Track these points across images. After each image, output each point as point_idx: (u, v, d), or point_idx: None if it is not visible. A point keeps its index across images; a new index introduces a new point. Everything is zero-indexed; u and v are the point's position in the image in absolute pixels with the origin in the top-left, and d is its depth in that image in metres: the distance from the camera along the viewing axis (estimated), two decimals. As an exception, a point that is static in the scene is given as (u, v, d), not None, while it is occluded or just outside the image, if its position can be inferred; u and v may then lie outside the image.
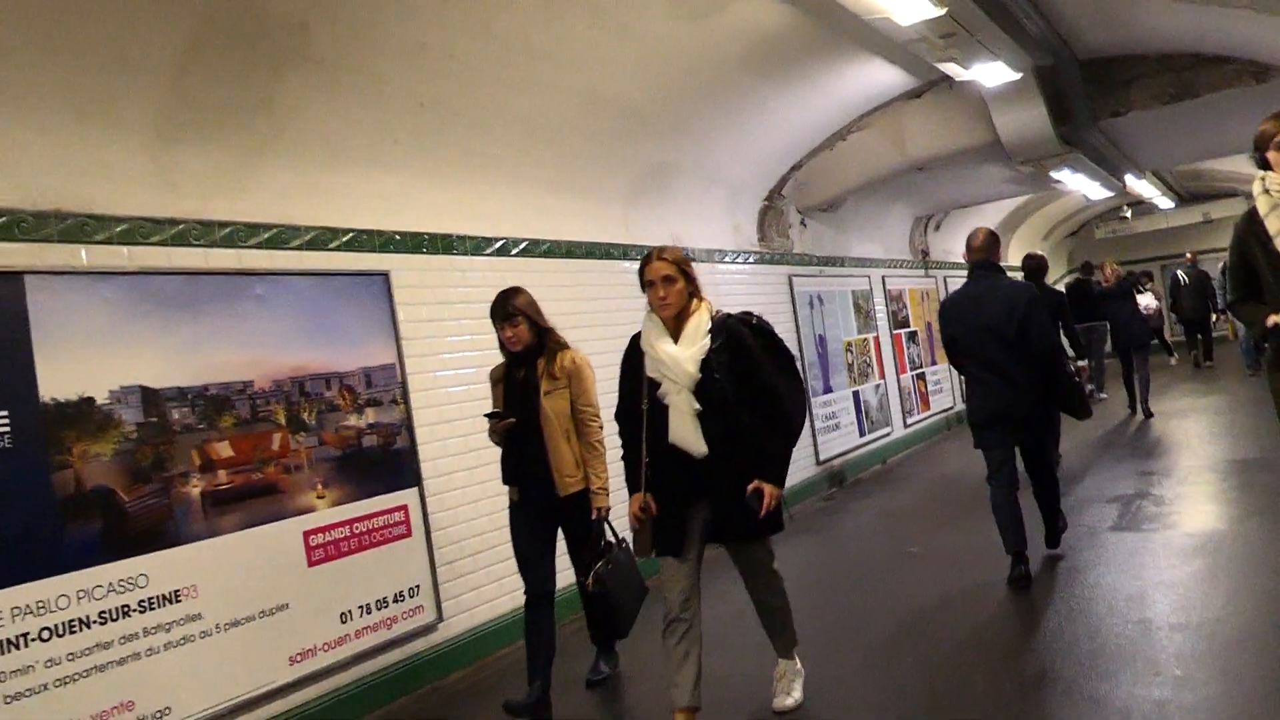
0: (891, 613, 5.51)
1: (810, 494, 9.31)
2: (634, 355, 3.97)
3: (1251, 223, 3.86)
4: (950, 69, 7.08)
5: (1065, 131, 8.60)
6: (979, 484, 6.32)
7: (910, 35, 6.19)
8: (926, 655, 4.74)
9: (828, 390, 10.01)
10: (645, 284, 3.87)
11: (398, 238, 5.43)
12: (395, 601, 5.04)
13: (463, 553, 5.51)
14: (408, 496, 5.21)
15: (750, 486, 3.75)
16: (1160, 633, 4.52)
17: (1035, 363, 5.51)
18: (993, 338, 5.52)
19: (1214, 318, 17.56)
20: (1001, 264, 5.89)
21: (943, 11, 5.68)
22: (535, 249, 6.43)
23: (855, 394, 10.64)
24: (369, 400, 5.09)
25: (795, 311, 9.61)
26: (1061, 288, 13.11)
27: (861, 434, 10.65)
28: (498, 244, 6.17)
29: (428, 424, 5.41)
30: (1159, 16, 7.04)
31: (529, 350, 4.58)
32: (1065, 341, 8.37)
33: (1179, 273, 18.07)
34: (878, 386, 11.29)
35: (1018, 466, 5.73)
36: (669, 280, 3.81)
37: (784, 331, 9.52)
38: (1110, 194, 13.06)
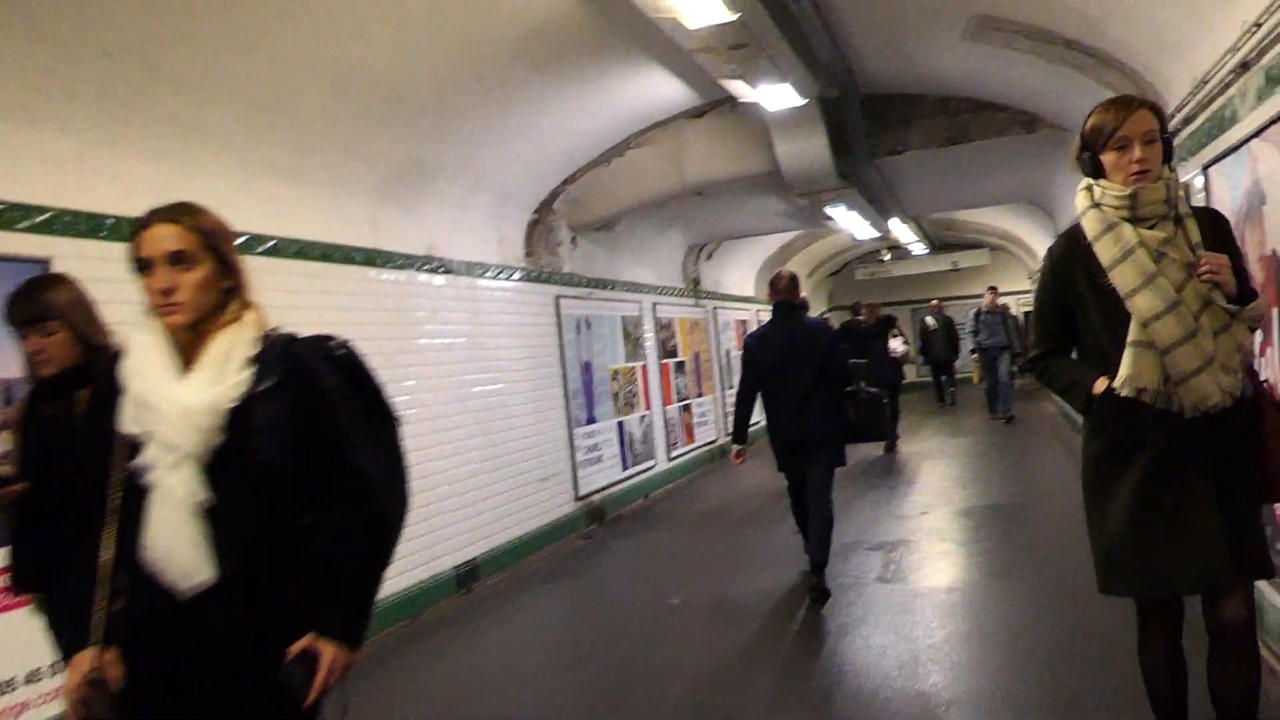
0: (652, 676, 4.91)
1: (568, 532, 8.64)
2: (107, 395, 2.11)
3: (1072, 248, 2.85)
4: (736, 87, 6.66)
5: (844, 166, 8.42)
6: (740, 521, 6.94)
7: (698, 43, 5.67)
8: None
9: (591, 421, 9.40)
10: (139, 265, 2.07)
11: (67, 218, 4.32)
12: None
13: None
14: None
15: (296, 647, 2.04)
16: (939, 710, 4.14)
17: (830, 394, 6.03)
18: (796, 371, 5.99)
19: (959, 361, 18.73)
20: (800, 303, 6.51)
21: (735, 17, 5.18)
22: (258, 245, 5.42)
23: (620, 425, 10.10)
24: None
25: (561, 335, 8.95)
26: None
27: (625, 467, 10.12)
28: (209, 235, 5.12)
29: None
30: (945, 55, 6.90)
31: (68, 376, 2.76)
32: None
33: (927, 318, 18.95)
34: (643, 417, 10.81)
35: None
36: (181, 260, 2.05)
37: (549, 356, 9.09)
38: (876, 235, 13.27)
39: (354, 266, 6.19)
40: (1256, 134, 3.87)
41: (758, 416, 6.33)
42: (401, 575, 6.29)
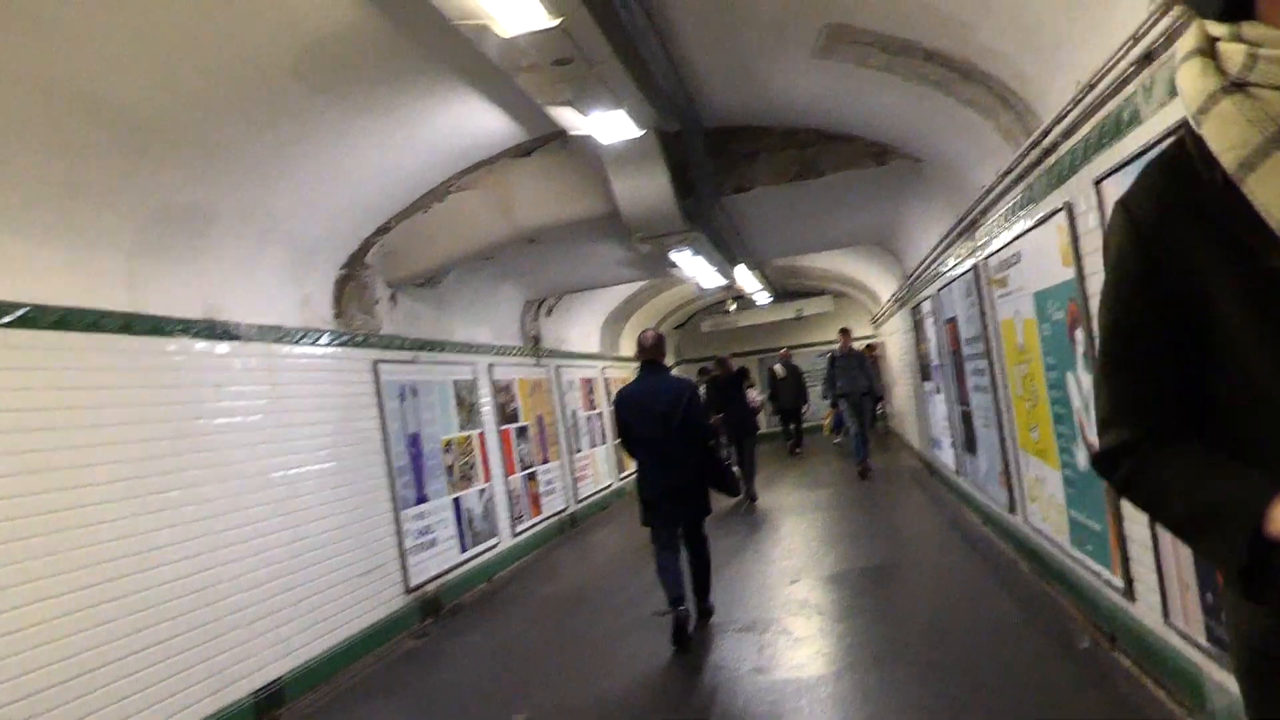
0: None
1: (398, 631, 7.50)
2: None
3: (1181, 192, 1.27)
4: (566, 116, 5.84)
5: (689, 206, 7.73)
6: (595, 603, 7.00)
7: (517, 58, 4.84)
8: None
9: (421, 500, 8.31)
10: None
11: None
12: None
13: None
14: None
15: None
16: None
17: (694, 447, 6.46)
18: (661, 426, 6.39)
19: (807, 408, 18.96)
20: (665, 361, 6.90)
21: (556, 23, 4.38)
22: (-35, 311, 4.24)
23: (456, 501, 9.04)
24: None
25: (382, 405, 7.86)
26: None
27: (463, 549, 9.03)
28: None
29: None
30: (794, 79, 6.31)
31: None
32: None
33: (775, 366, 18.82)
34: (483, 491, 9.77)
35: (678, 534, 6.54)
36: None
37: (367, 430, 7.95)
38: (722, 283, 12.71)
39: (104, 335, 5.02)
40: (1172, 132, 3.28)
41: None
42: (181, 711, 5.09)
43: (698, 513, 6.56)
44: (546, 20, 4.35)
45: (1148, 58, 3.45)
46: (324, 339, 7.17)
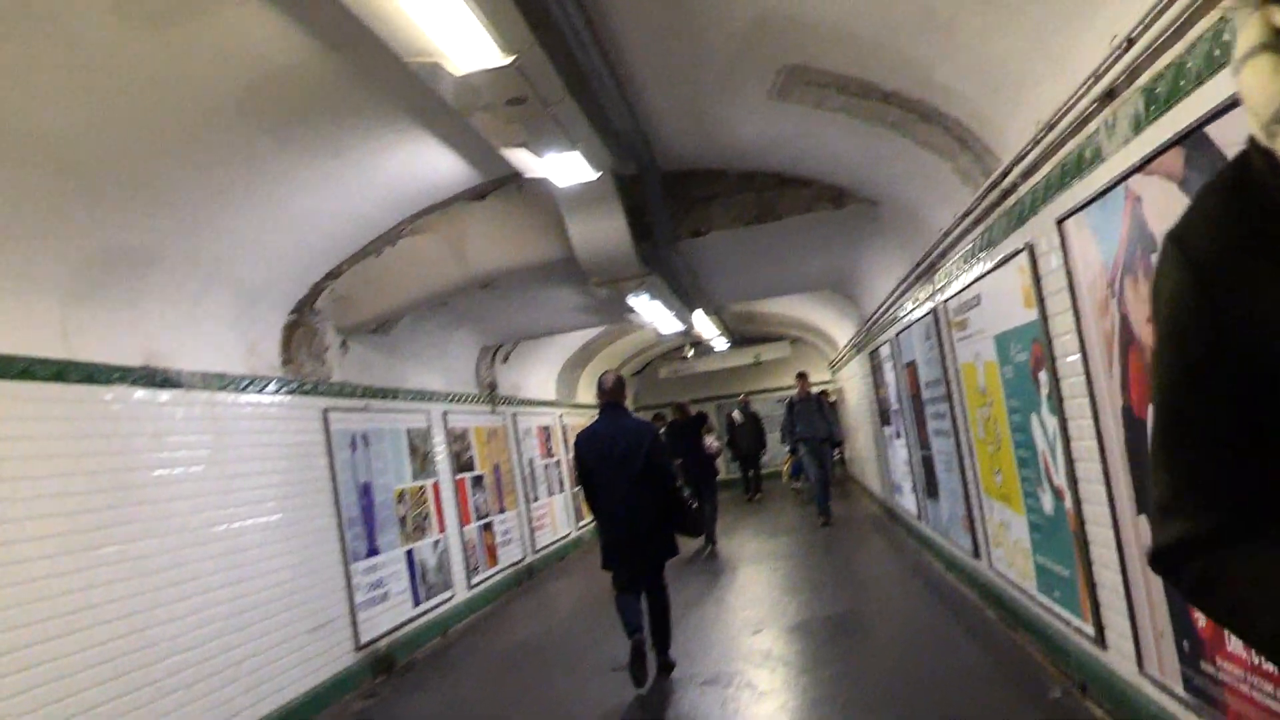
0: None
1: (347, 690, 7.20)
2: None
3: (1250, 213, 1.02)
4: (520, 158, 5.73)
5: (646, 250, 7.65)
6: (553, 657, 7.00)
7: (470, 97, 4.72)
8: None
9: (373, 552, 8.04)
10: None
11: None
12: None
13: None
14: None
15: None
16: None
17: (657, 489, 6.44)
18: (623, 467, 6.37)
19: (765, 454, 18.99)
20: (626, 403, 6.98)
21: (510, 60, 4.27)
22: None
23: (409, 554, 8.77)
24: None
25: (332, 455, 7.62)
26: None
27: (416, 602, 8.75)
28: None
29: None
30: (750, 121, 6.25)
31: None
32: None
33: (734, 413, 18.78)
34: (437, 542, 9.50)
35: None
36: None
37: (316, 480, 7.69)
38: (680, 328, 12.63)
39: (36, 384, 4.77)
40: (1138, 169, 3.23)
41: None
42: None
43: (660, 555, 6.51)
44: (500, 58, 4.25)
45: (1110, 95, 3.42)
46: (271, 387, 6.94)
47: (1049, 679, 5.21)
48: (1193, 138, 2.82)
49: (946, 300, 6.67)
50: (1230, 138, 2.64)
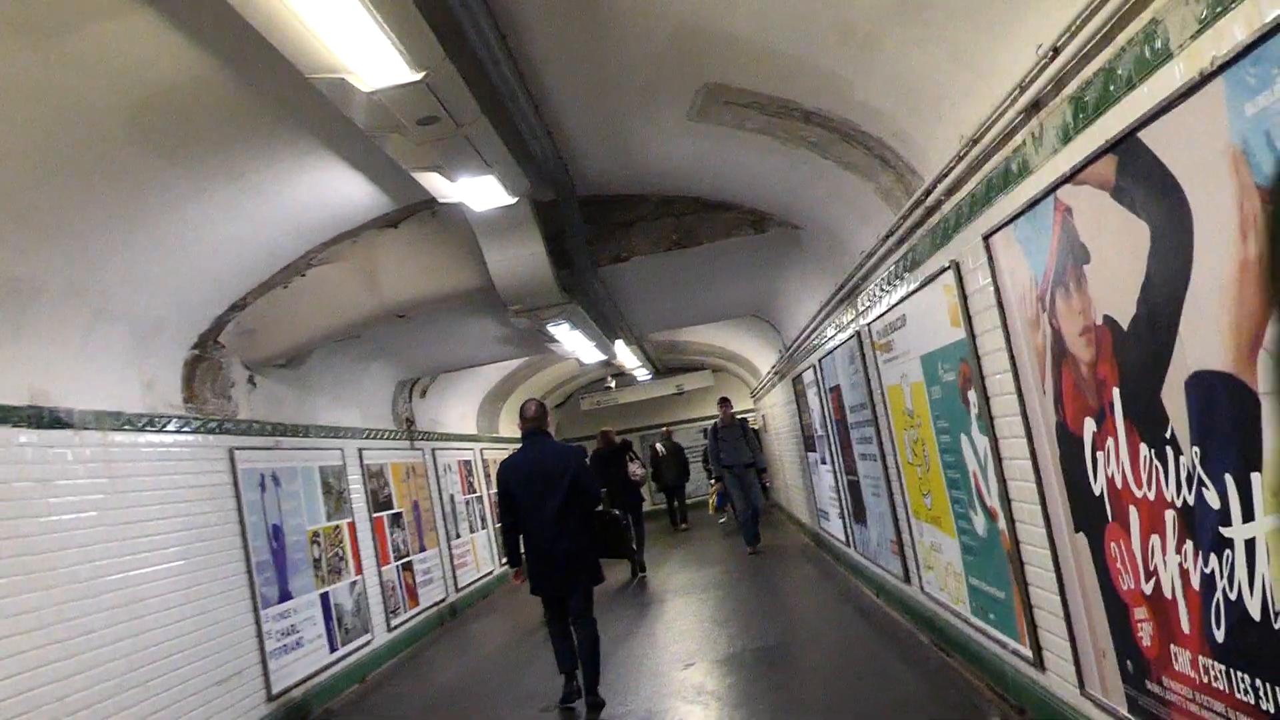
0: None
1: (258, 746, 6.80)
2: None
3: None
4: (433, 182, 5.53)
5: (566, 278, 7.47)
6: (482, 701, 6.91)
7: (380, 117, 4.51)
8: None
9: (285, 597, 7.65)
10: None
11: None
12: None
13: None
14: None
15: None
16: None
17: (584, 513, 6.46)
18: (549, 493, 6.35)
19: (689, 484, 19.09)
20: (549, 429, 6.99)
21: (419, 77, 4.09)
22: None
23: (324, 597, 8.39)
24: None
25: (239, 496, 7.24)
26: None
27: (333, 648, 8.36)
28: None
29: None
30: (670, 144, 6.14)
31: None
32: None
33: (657, 445, 18.73)
34: (354, 584, 9.12)
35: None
36: None
37: (223, 523, 7.27)
38: (601, 359, 12.46)
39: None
40: (1068, 179, 3.17)
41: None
42: None
43: (588, 580, 6.52)
44: (408, 74, 4.07)
45: (1036, 105, 3.36)
46: (172, 425, 6.57)
47: (986, 703, 5.12)
48: (1125, 144, 2.76)
49: (870, 323, 6.62)
50: (1165, 142, 2.58)
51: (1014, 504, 4.38)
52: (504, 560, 12.33)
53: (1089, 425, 3.38)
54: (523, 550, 6.56)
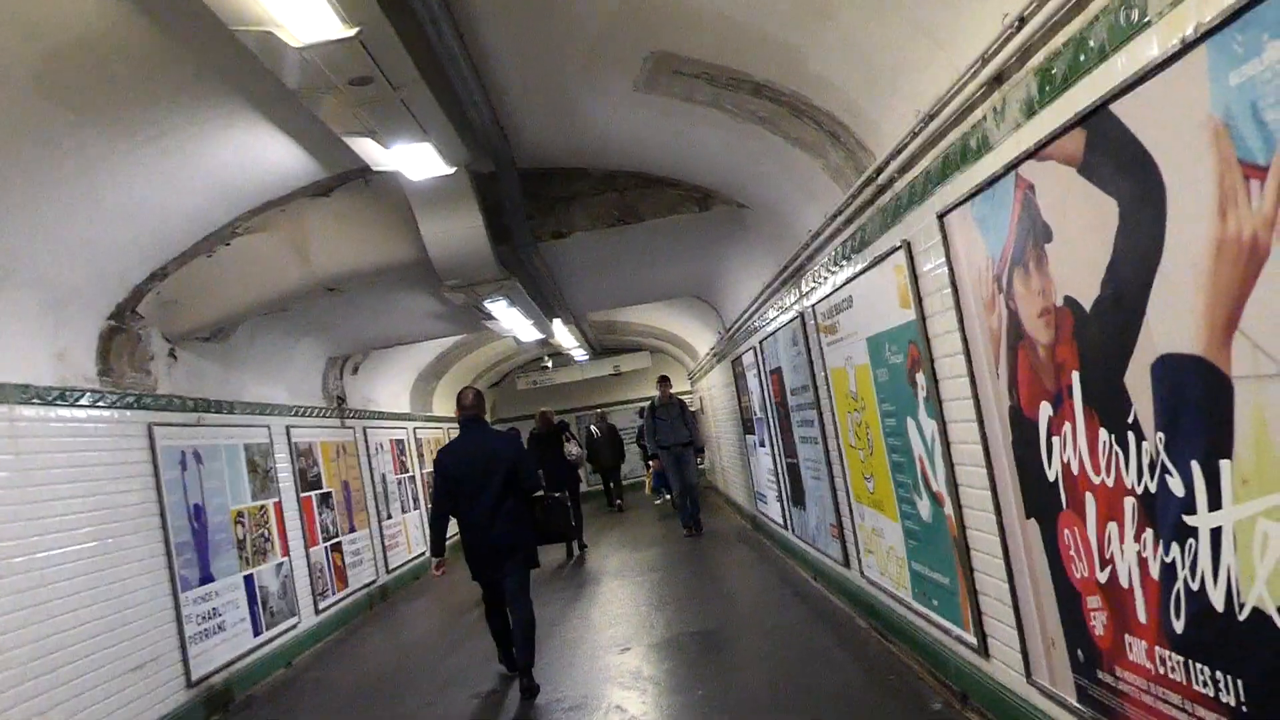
0: None
1: (176, 735, 6.52)
2: None
3: None
4: (366, 149, 5.28)
5: (504, 253, 7.25)
6: (411, 685, 7.00)
7: (310, 76, 4.25)
8: None
9: (206, 580, 7.35)
10: None
11: None
12: None
13: None
14: None
15: None
16: None
17: (520, 500, 6.50)
18: (487, 481, 6.40)
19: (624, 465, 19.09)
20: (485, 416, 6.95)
21: (352, 33, 3.86)
22: None
23: (249, 579, 8.09)
24: None
25: (158, 474, 6.91)
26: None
27: (257, 632, 8.08)
28: None
29: None
30: (615, 115, 5.95)
31: None
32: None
33: (592, 427, 18.57)
34: (280, 566, 8.83)
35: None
36: None
37: (140, 503, 6.90)
38: (539, 337, 12.24)
39: None
40: (1031, 154, 3.06)
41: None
42: None
43: (524, 563, 6.57)
44: (340, 29, 3.84)
45: (999, 78, 3.25)
46: (85, 399, 6.22)
47: (928, 690, 5.06)
48: (1095, 117, 2.65)
49: (815, 304, 6.52)
50: (1139, 114, 2.47)
51: (962, 489, 4.30)
52: (426, 551, 12.36)
53: (1045, 409, 3.29)
54: (452, 538, 6.62)
